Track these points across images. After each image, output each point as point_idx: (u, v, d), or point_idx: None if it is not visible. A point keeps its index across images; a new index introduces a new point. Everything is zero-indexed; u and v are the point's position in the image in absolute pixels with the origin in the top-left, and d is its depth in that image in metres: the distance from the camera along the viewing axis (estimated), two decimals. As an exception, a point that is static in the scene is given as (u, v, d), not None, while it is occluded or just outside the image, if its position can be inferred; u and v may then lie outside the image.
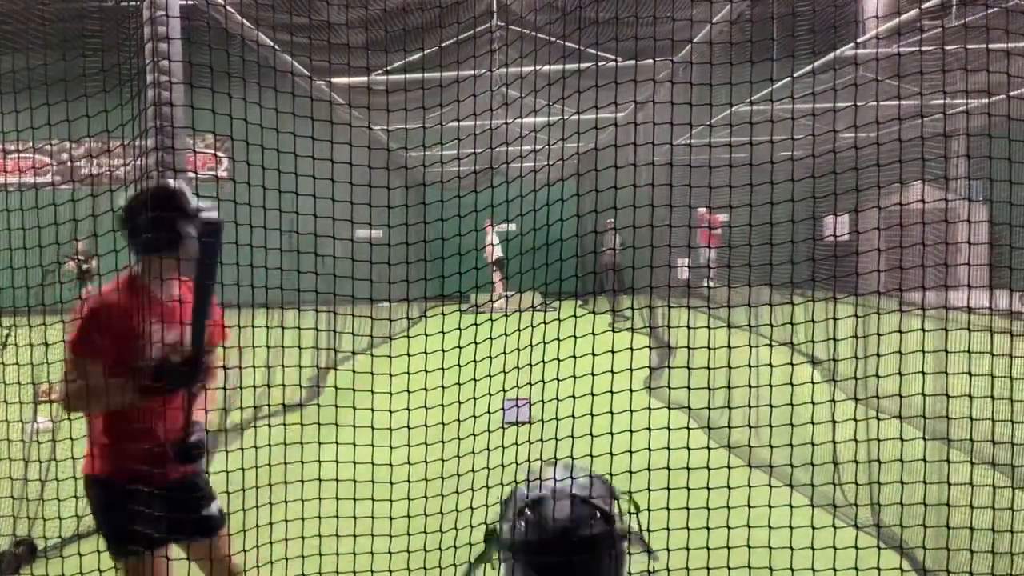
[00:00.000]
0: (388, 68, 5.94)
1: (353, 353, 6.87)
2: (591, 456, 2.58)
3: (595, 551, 1.92)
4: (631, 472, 2.61)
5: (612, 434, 2.62)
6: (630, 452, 2.70)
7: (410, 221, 3.67)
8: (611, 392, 2.67)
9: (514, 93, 4.54)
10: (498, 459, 2.79)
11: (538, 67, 4.11)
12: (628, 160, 3.10)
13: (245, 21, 4.76)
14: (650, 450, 2.69)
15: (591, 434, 2.64)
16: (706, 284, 9.58)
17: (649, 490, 2.59)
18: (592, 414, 2.65)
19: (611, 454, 2.63)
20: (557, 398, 2.71)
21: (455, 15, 4.81)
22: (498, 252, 14.46)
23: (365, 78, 6.01)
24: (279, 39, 4.97)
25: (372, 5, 4.89)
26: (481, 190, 3.13)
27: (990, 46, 3.16)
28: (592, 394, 2.68)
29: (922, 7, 5.07)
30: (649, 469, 2.63)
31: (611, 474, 2.55)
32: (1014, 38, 3.30)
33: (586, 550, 1.91)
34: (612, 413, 2.65)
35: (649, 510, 2.43)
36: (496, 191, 3.12)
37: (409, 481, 2.87)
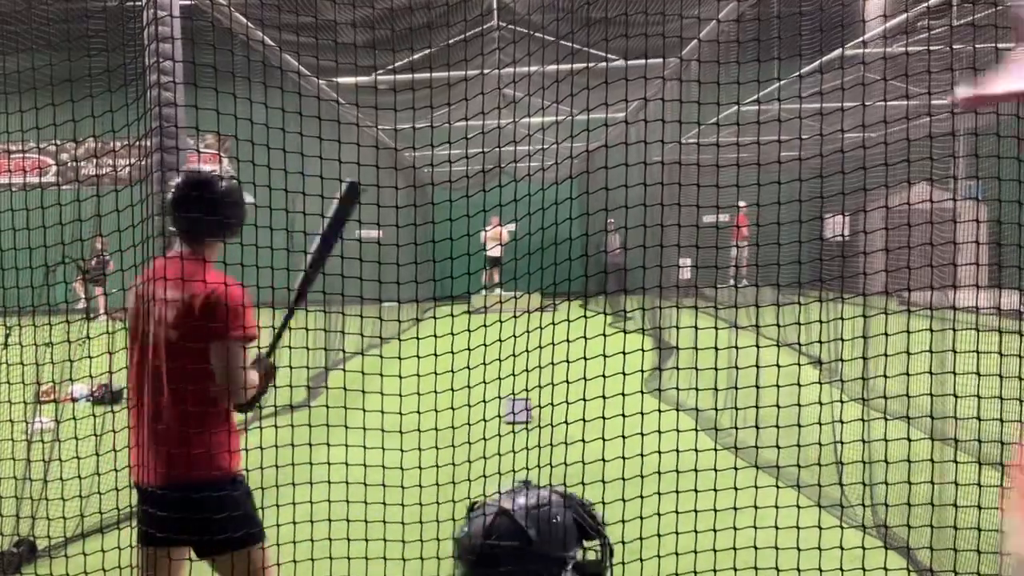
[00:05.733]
0: (390, 68, 5.94)
1: (359, 353, 6.85)
2: (603, 460, 2.57)
3: (496, 562, 1.95)
4: (642, 476, 2.60)
5: (624, 437, 2.61)
6: (636, 456, 2.69)
7: (412, 221, 3.66)
8: (622, 395, 2.66)
9: (514, 93, 4.53)
10: (507, 463, 2.78)
11: (539, 67, 4.10)
12: (630, 160, 3.09)
13: (247, 21, 4.76)
14: (660, 453, 2.68)
15: (602, 438, 2.63)
16: (732, 284, 9.53)
17: (659, 494, 2.58)
18: (604, 417, 2.64)
19: (613, 459, 2.62)
20: (566, 401, 2.70)
21: (458, 15, 4.81)
22: (496, 251, 14.43)
23: (367, 77, 6.00)
24: (281, 39, 4.97)
25: (375, 4, 4.89)
26: (489, 190, 3.12)
27: (986, 45, 3.15)
28: (603, 397, 2.67)
29: (927, 6, 5.07)
30: (659, 473, 2.62)
31: (623, 479, 2.53)
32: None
33: (486, 559, 1.96)
34: (624, 416, 2.64)
35: (659, 514, 2.42)
36: (497, 191, 3.11)
37: (406, 486, 2.86)
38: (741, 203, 3.76)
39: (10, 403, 3.41)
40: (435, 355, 2.88)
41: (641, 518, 2.57)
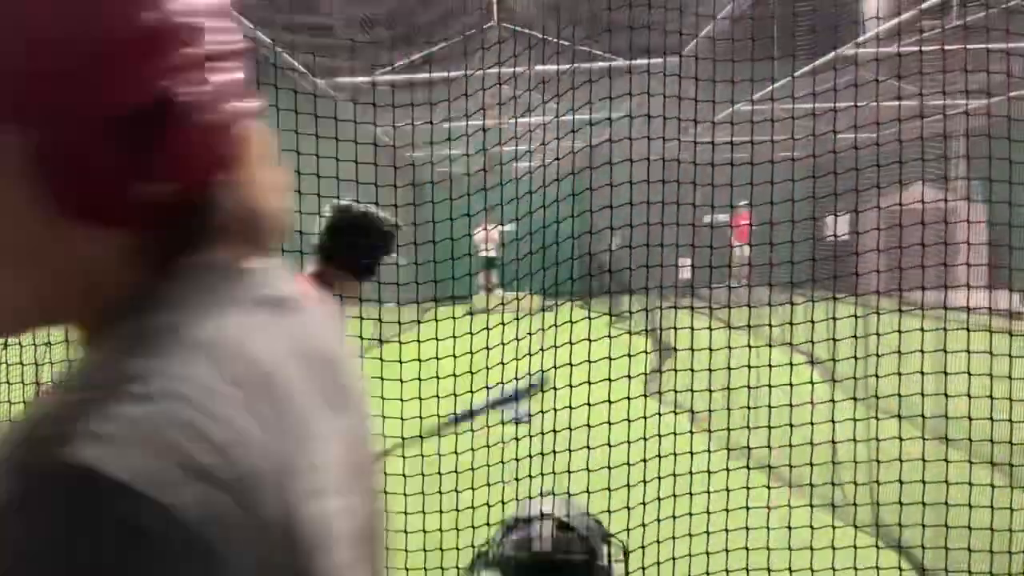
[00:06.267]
0: (390, 67, 5.95)
1: (359, 356, 6.85)
2: (609, 468, 2.58)
3: None
4: (644, 482, 2.62)
5: (629, 443, 2.63)
6: (640, 462, 2.71)
7: (412, 220, 3.67)
8: (627, 399, 2.68)
9: (513, 90, 4.54)
10: (510, 470, 2.79)
11: (539, 65, 4.11)
12: (624, 158, 3.10)
13: (245, 19, 4.75)
14: (660, 457, 2.70)
15: (608, 444, 2.65)
16: (727, 284, 9.45)
17: (659, 499, 2.61)
18: (609, 423, 2.66)
19: (618, 466, 2.64)
20: (569, 407, 2.71)
21: (458, 13, 4.82)
22: (492, 252, 14.36)
23: (366, 77, 6.01)
24: (279, 38, 4.97)
25: (376, 3, 4.89)
26: (490, 188, 3.12)
27: (988, 46, 3.17)
28: (609, 401, 2.69)
29: (922, 7, 5.08)
30: (659, 478, 2.64)
31: (628, 486, 2.54)
32: (1014, 38, 3.31)
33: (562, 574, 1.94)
34: (629, 421, 2.66)
35: (659, 520, 2.43)
36: (493, 191, 3.11)
37: (408, 495, 2.87)
38: (743, 201, 3.77)
39: (10, 403, 3.42)
40: (436, 359, 2.90)
41: (643, 526, 2.60)
